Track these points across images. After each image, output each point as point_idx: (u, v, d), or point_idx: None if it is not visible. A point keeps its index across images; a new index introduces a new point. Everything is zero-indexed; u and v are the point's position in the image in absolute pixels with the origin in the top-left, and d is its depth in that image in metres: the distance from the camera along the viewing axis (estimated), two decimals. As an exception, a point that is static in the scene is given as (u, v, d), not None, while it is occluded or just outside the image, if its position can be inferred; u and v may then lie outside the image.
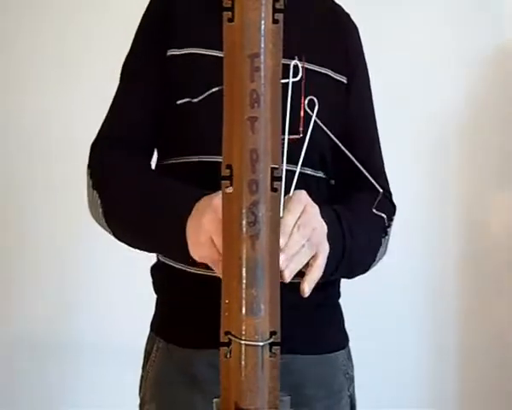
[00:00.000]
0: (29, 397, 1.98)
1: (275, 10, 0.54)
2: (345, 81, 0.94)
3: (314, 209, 0.74)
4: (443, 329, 1.97)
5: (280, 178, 0.56)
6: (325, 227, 0.75)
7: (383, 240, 0.91)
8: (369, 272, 0.97)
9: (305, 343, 0.89)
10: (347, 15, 1.01)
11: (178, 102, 0.86)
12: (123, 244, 0.87)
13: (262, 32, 0.53)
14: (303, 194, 0.73)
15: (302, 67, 0.87)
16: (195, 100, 0.85)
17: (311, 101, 0.71)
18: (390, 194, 0.98)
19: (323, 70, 0.91)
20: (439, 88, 1.86)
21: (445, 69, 1.87)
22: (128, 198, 0.82)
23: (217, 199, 0.67)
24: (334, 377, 0.93)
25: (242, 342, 0.54)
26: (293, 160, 0.86)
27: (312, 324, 0.90)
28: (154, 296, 0.96)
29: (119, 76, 0.94)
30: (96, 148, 0.90)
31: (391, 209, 0.95)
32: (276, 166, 0.55)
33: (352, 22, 1.01)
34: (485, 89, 1.91)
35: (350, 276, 0.90)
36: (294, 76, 0.69)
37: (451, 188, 1.90)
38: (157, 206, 0.78)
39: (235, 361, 0.56)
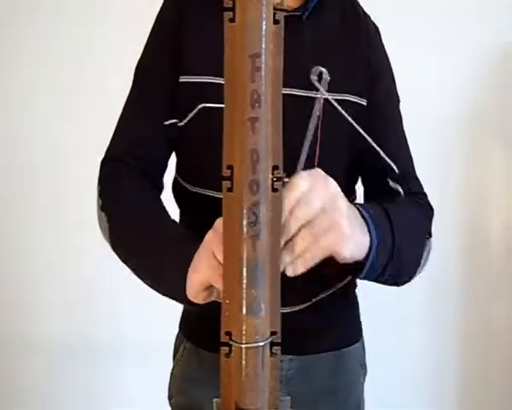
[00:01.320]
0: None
1: (276, 10, 0.53)
2: (364, 104, 0.89)
3: (326, 183, 0.62)
4: (443, 329, 1.97)
5: (281, 179, 0.56)
6: (343, 207, 0.63)
7: (427, 241, 0.85)
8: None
9: (324, 342, 0.93)
10: (366, 17, 0.94)
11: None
12: None
13: (263, 32, 0.52)
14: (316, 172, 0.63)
15: (319, 96, 0.84)
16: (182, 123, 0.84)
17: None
18: (426, 196, 0.92)
19: (341, 96, 0.85)
20: (441, 89, 1.86)
21: (446, 70, 1.87)
22: (133, 235, 0.80)
23: (218, 221, 0.63)
24: (351, 367, 0.97)
25: (243, 346, 0.54)
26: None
27: (330, 324, 0.93)
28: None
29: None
30: (106, 166, 0.88)
31: (429, 211, 0.90)
32: (277, 166, 0.55)
33: (373, 24, 0.94)
34: (488, 89, 1.91)
35: (397, 280, 0.82)
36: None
37: (451, 188, 1.90)
38: (162, 252, 0.75)
39: (235, 361, 0.56)
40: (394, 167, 0.84)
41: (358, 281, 0.97)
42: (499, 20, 1.87)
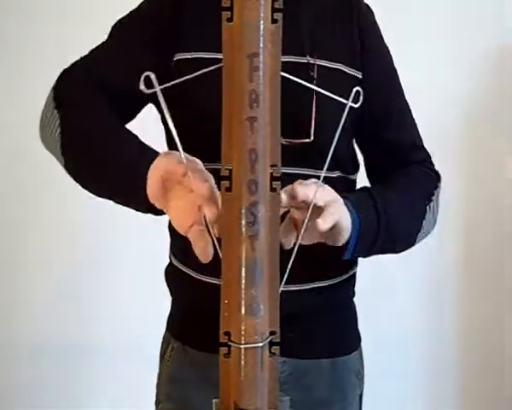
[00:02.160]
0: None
1: (274, 10, 0.53)
2: (360, 76, 0.90)
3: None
4: (443, 329, 1.96)
5: (279, 178, 0.56)
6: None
7: (428, 207, 0.89)
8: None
9: (320, 348, 0.90)
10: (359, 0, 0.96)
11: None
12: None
13: (261, 31, 0.53)
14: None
15: (313, 64, 0.85)
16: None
17: (356, 92, 0.64)
18: (431, 163, 0.96)
19: (335, 65, 0.88)
20: (441, 89, 1.86)
21: (446, 70, 1.87)
22: (90, 139, 0.79)
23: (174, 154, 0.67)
24: (347, 379, 0.94)
25: (242, 346, 0.54)
26: (304, 163, 0.85)
27: (328, 328, 0.91)
28: (167, 295, 0.96)
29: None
30: (69, 73, 0.87)
31: (434, 177, 0.94)
32: (276, 165, 0.55)
33: (365, 5, 0.96)
34: (487, 89, 1.90)
35: (396, 248, 0.88)
36: (354, 101, 0.64)
37: (451, 188, 1.90)
38: (120, 157, 0.75)
39: (234, 361, 0.56)
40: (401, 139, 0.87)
41: (356, 289, 0.97)
42: (497, 19, 1.87)
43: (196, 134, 0.84)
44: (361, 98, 0.63)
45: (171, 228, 0.94)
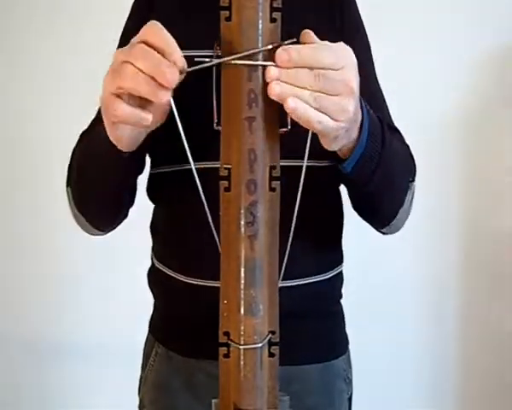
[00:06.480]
0: (28, 398, 1.99)
1: (272, 9, 0.53)
2: None
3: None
4: (443, 329, 1.97)
5: (278, 178, 0.55)
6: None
7: (410, 185, 0.83)
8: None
9: (307, 353, 0.88)
10: None
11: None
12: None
13: (259, 31, 0.52)
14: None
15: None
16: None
17: None
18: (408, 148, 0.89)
19: None
20: (439, 89, 1.86)
21: (445, 70, 1.87)
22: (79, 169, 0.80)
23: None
24: (335, 384, 0.92)
25: (241, 346, 0.54)
26: (287, 154, 0.82)
27: (314, 333, 0.88)
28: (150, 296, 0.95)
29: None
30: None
31: (413, 158, 0.86)
32: (275, 165, 0.55)
33: None
34: (488, 89, 1.90)
35: (379, 205, 0.80)
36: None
37: (452, 188, 1.90)
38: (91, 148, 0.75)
39: (233, 361, 0.56)
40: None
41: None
42: (496, 20, 1.87)
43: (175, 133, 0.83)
44: None
45: (152, 228, 0.92)
